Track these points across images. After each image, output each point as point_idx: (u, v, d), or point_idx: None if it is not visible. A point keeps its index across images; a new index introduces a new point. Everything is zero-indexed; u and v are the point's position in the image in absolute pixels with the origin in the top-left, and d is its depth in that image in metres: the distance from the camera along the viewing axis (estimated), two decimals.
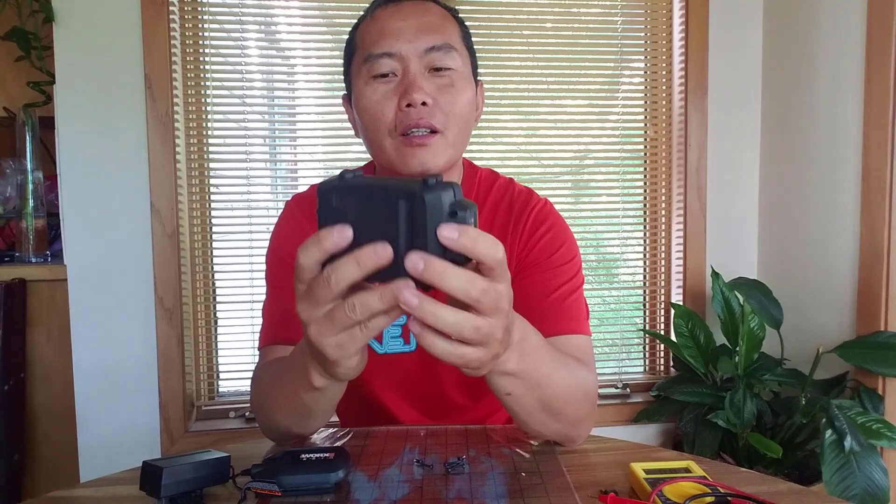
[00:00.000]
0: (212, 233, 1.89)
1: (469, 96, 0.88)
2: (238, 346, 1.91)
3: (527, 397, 0.69)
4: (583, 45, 2.00)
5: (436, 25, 0.86)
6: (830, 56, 1.74)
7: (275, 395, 0.76)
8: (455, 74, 0.86)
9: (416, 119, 0.83)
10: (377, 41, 0.85)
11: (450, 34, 0.87)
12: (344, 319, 0.50)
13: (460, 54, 0.87)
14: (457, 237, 0.46)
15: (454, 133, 0.86)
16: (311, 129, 1.91)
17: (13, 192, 1.78)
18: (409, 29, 0.84)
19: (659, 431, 2.03)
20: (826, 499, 0.77)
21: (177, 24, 1.79)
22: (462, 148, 0.91)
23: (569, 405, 0.74)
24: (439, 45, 0.85)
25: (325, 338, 0.52)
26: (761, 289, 1.81)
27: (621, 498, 0.65)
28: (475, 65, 0.93)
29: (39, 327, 1.73)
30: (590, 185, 2.06)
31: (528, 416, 0.72)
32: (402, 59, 0.84)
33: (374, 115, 0.85)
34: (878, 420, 1.50)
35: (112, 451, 1.75)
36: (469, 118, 0.89)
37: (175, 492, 0.64)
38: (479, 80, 0.95)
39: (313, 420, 0.79)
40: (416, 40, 0.84)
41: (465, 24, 0.93)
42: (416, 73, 0.84)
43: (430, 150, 0.84)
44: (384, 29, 0.85)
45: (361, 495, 0.67)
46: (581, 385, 0.76)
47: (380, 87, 0.85)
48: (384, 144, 0.86)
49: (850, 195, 1.67)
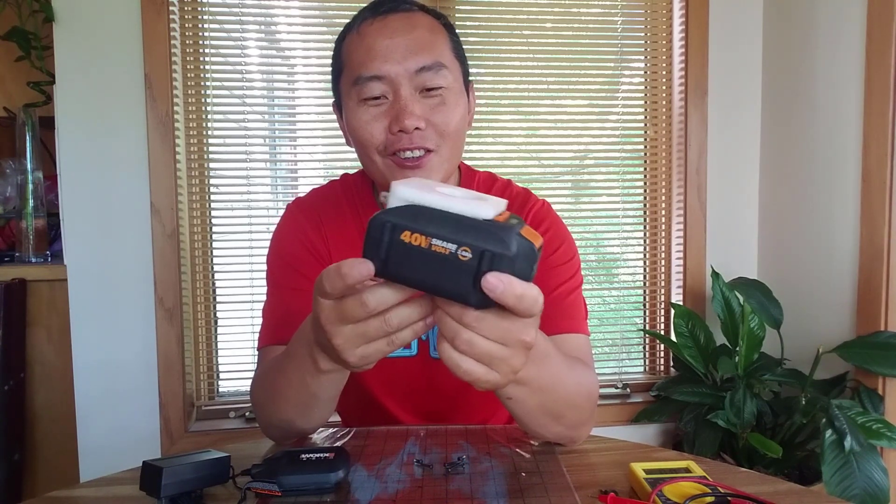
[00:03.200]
0: (212, 233, 1.89)
1: (461, 111, 0.87)
2: (238, 346, 1.91)
3: (529, 402, 0.68)
4: (583, 45, 2.00)
5: (424, 42, 0.84)
6: (830, 56, 1.74)
7: (279, 387, 0.76)
8: (446, 92, 0.85)
9: (408, 143, 0.82)
10: (365, 62, 0.83)
11: (439, 49, 0.85)
12: (376, 332, 0.53)
13: (451, 70, 0.85)
14: (501, 290, 0.47)
15: (448, 150, 0.86)
16: (311, 129, 1.91)
17: (13, 192, 1.78)
18: (397, 48, 0.82)
19: (659, 431, 2.03)
20: (826, 499, 0.77)
21: (177, 24, 1.79)
22: (457, 159, 0.91)
23: (571, 409, 0.74)
24: (429, 65, 0.83)
25: (352, 348, 0.54)
26: (761, 289, 1.81)
27: (621, 498, 0.65)
28: (466, 71, 0.91)
29: (39, 327, 1.73)
30: (590, 185, 2.06)
31: (530, 419, 0.72)
32: (392, 81, 0.82)
33: (365, 136, 0.84)
34: (878, 420, 1.50)
35: (112, 451, 1.75)
36: (462, 130, 0.88)
37: (175, 492, 0.64)
38: (471, 80, 0.93)
39: (317, 410, 0.78)
40: (405, 61, 0.82)
41: (454, 31, 0.91)
42: (408, 97, 0.82)
43: (423, 171, 0.84)
44: (372, 48, 0.83)
45: (361, 495, 0.67)
46: (584, 388, 0.76)
47: (370, 109, 0.84)
48: (376, 162, 0.86)
49: (850, 195, 1.67)
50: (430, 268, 0.47)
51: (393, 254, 0.48)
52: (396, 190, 0.49)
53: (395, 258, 0.48)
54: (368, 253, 0.49)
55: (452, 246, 0.47)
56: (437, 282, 0.48)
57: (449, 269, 0.47)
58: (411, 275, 0.48)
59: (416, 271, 0.48)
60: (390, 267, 0.48)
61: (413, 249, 0.47)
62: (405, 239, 0.47)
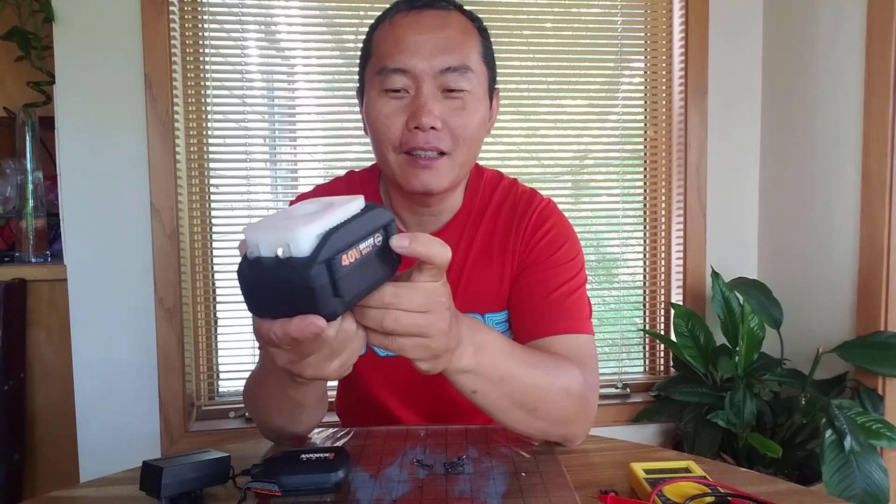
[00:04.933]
0: (212, 233, 1.89)
1: (480, 117, 0.86)
2: (238, 346, 1.91)
3: (492, 394, 0.70)
4: (583, 45, 2.00)
5: (455, 42, 0.83)
6: (830, 56, 1.74)
7: (263, 397, 0.77)
8: (468, 96, 0.84)
9: (422, 142, 0.82)
10: (392, 54, 0.82)
11: (468, 52, 0.84)
12: (343, 347, 0.54)
13: (476, 74, 0.85)
14: (407, 244, 0.52)
15: (462, 155, 0.86)
16: (311, 129, 1.91)
17: (13, 192, 1.78)
18: (426, 45, 0.82)
19: (659, 431, 2.03)
20: (826, 499, 0.77)
21: (177, 24, 1.79)
22: (470, 165, 0.91)
23: (545, 402, 0.74)
24: (455, 66, 0.82)
25: (324, 368, 0.55)
26: (761, 289, 1.81)
27: (621, 498, 0.65)
28: (493, 77, 0.91)
29: (39, 327, 1.73)
30: (590, 185, 2.06)
31: (501, 413, 0.73)
32: (416, 77, 0.82)
33: (381, 129, 0.84)
34: (878, 420, 1.50)
35: (112, 451, 1.75)
36: (479, 138, 0.88)
37: (175, 492, 0.64)
38: (497, 88, 0.93)
39: (305, 415, 0.79)
40: (432, 59, 0.82)
41: (487, 36, 0.90)
42: (428, 95, 0.82)
43: (434, 172, 0.84)
44: (401, 41, 0.82)
45: (361, 495, 0.67)
46: (560, 383, 0.76)
47: (391, 101, 0.83)
48: (388, 157, 0.86)
49: (850, 195, 1.67)
50: (367, 270, 0.50)
51: (344, 283, 0.47)
52: (252, 236, 0.48)
53: (346, 286, 0.48)
54: (322, 304, 0.47)
55: (370, 240, 0.50)
56: (376, 276, 0.52)
57: (375, 260, 0.51)
58: (361, 288, 0.50)
59: (364, 280, 0.50)
60: (347, 296, 0.48)
61: (353, 266, 0.48)
62: (344, 262, 0.47)
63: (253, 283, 0.48)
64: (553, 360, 0.79)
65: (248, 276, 0.48)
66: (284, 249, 0.46)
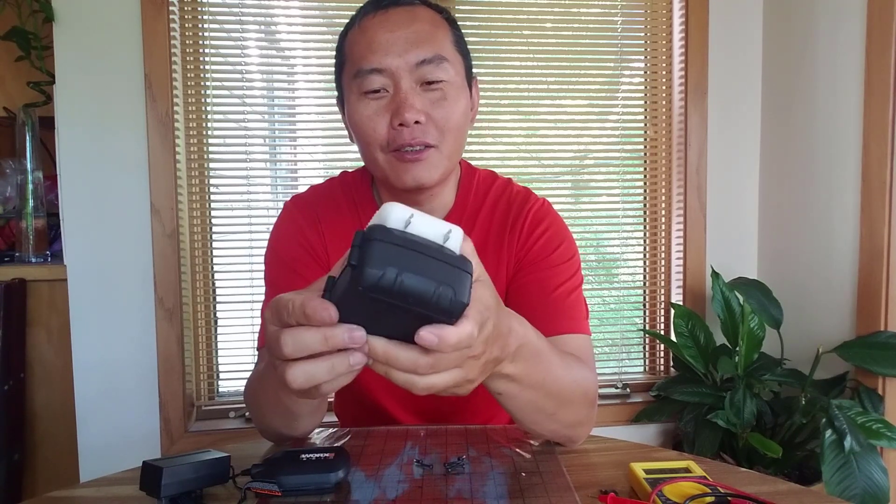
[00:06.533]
0: (212, 233, 1.89)
1: (463, 106, 0.86)
2: (238, 346, 1.91)
3: (520, 398, 0.67)
4: (583, 45, 2.00)
5: (425, 35, 0.83)
6: (830, 56, 1.74)
7: (261, 400, 0.77)
8: (447, 86, 0.84)
9: (409, 138, 0.82)
10: (366, 56, 0.83)
11: (440, 42, 0.85)
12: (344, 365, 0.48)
13: (452, 63, 0.85)
14: (437, 342, 0.45)
15: (449, 145, 0.86)
16: (311, 129, 1.91)
17: (13, 192, 1.78)
18: (397, 41, 0.82)
19: (659, 431, 2.03)
20: (826, 499, 0.77)
21: (177, 24, 1.79)
22: (458, 156, 0.91)
23: (565, 406, 0.73)
24: (430, 58, 0.82)
25: (325, 385, 0.50)
26: (761, 289, 1.81)
27: (621, 498, 0.65)
28: (469, 66, 0.91)
29: (39, 327, 1.73)
30: (590, 185, 2.06)
31: (524, 415, 0.71)
32: (393, 74, 0.82)
33: (366, 131, 0.84)
34: (878, 420, 1.50)
35: (112, 451, 1.75)
36: (464, 126, 0.88)
37: (175, 492, 0.64)
38: (474, 76, 0.93)
39: (300, 422, 0.79)
40: (405, 54, 0.82)
41: (456, 25, 0.90)
42: (408, 90, 0.82)
43: (424, 165, 0.84)
44: (372, 42, 0.82)
45: (361, 495, 0.67)
46: (580, 386, 0.75)
47: (371, 103, 0.83)
48: (377, 158, 0.86)
49: (849, 195, 1.67)
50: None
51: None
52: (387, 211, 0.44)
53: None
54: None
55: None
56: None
57: None
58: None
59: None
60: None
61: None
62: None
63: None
64: (577, 363, 0.78)
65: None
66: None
